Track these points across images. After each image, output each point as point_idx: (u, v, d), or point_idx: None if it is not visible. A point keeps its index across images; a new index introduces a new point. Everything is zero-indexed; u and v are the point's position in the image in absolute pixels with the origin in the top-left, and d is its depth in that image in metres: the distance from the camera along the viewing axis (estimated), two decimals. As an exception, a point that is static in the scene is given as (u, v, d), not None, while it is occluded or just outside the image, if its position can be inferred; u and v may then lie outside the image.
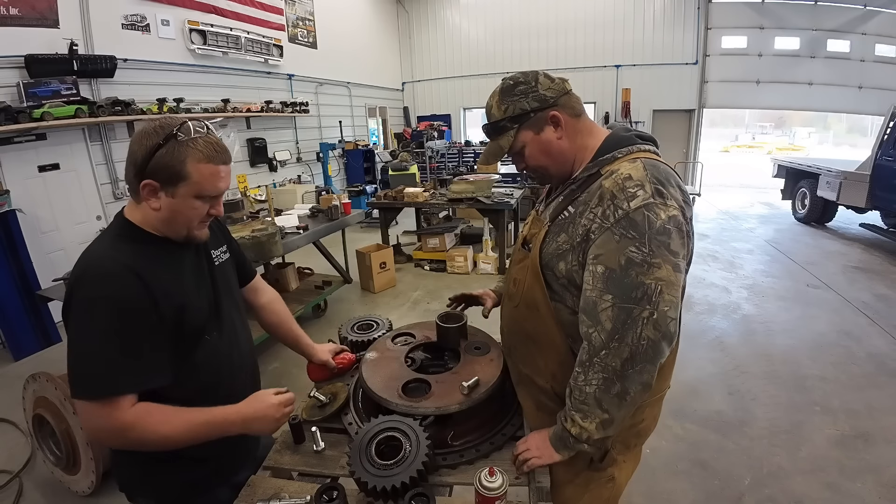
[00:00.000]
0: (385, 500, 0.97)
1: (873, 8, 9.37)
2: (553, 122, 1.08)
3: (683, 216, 0.96)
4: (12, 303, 3.92)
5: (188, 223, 1.08)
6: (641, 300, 0.92)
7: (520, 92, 1.07)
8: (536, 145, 1.10)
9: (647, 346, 0.93)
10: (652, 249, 0.92)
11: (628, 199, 0.95)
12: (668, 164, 1.07)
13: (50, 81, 4.39)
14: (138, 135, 1.02)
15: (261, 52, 7.33)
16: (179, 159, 0.99)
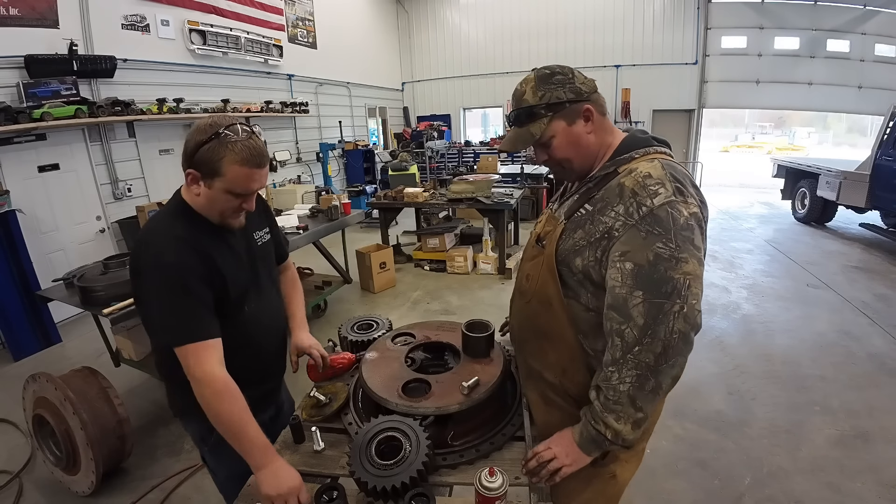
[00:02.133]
0: (385, 500, 0.97)
1: (873, 8, 9.37)
2: (586, 115, 1.09)
3: (701, 213, 1.00)
4: (12, 303, 3.91)
5: (221, 212, 1.23)
6: (672, 294, 0.93)
7: (557, 81, 1.07)
8: (566, 136, 1.10)
9: (679, 339, 0.94)
10: (678, 244, 0.94)
11: (651, 196, 0.97)
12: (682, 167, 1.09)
13: (50, 82, 4.40)
14: (194, 128, 1.16)
15: (261, 52, 7.33)
16: (218, 157, 1.13)
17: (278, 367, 1.52)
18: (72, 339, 4.33)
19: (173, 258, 1.14)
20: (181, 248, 1.16)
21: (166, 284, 1.13)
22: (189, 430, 1.45)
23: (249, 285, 1.35)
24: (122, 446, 2.44)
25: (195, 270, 1.17)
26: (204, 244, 1.21)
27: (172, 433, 2.88)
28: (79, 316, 4.55)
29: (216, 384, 1.12)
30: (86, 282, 2.65)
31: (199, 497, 2.39)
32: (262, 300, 1.40)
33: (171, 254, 1.15)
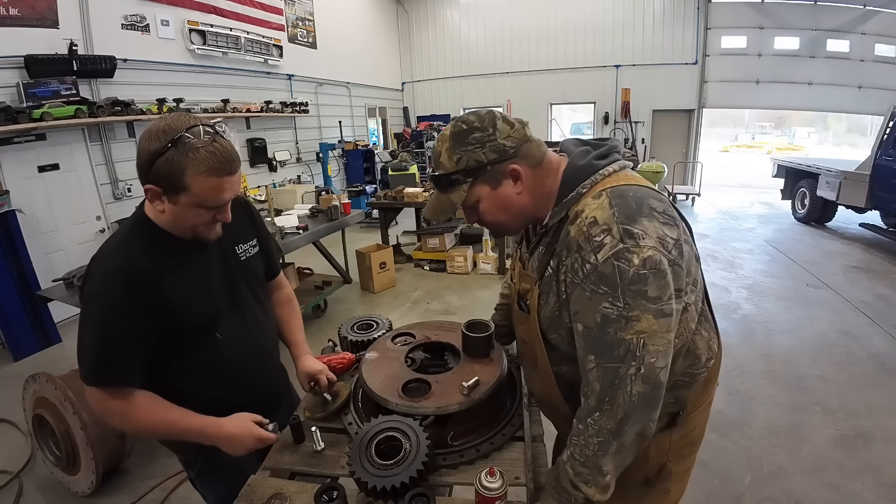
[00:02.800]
0: (385, 500, 0.97)
1: (873, 8, 9.37)
2: (513, 176, 0.97)
3: (664, 248, 0.86)
4: (12, 303, 3.92)
5: (193, 227, 1.09)
6: (626, 357, 0.85)
7: (475, 140, 0.95)
8: (493, 201, 1.00)
9: (639, 401, 0.87)
10: (627, 302, 0.84)
11: (595, 250, 0.86)
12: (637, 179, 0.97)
13: (49, 82, 4.40)
14: (144, 135, 1.00)
15: (260, 52, 7.33)
16: (179, 170, 0.97)
17: (269, 395, 1.39)
18: (72, 339, 4.30)
19: (108, 292, 1.02)
20: (120, 282, 1.02)
21: (95, 319, 1.03)
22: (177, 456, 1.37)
23: (222, 308, 1.21)
24: (121, 446, 2.44)
25: (132, 308, 1.03)
26: (155, 274, 1.07)
27: (172, 433, 2.88)
28: (78, 316, 4.54)
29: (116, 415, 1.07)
30: (86, 282, 2.64)
31: (198, 497, 2.37)
32: (245, 322, 1.26)
33: (107, 286, 1.02)
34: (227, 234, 1.20)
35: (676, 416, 1.05)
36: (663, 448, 1.08)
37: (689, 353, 1.00)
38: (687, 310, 0.95)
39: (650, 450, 1.06)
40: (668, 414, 1.05)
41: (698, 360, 1.02)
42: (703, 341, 1.02)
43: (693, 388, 1.03)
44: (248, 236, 1.32)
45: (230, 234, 1.23)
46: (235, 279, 1.25)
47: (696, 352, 1.01)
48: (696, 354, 1.01)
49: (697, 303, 0.99)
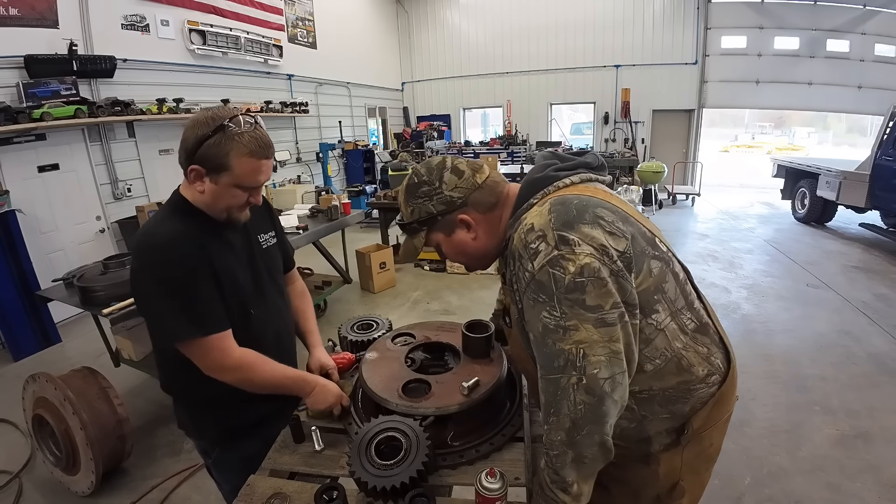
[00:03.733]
0: (385, 500, 0.97)
1: (873, 8, 9.37)
2: (464, 224, 1.01)
3: (604, 256, 0.84)
4: (12, 303, 3.91)
5: (228, 207, 1.19)
6: (566, 368, 0.85)
7: (423, 194, 1.00)
8: (450, 246, 1.06)
9: (586, 410, 0.85)
10: (564, 311, 0.83)
11: (531, 257, 0.86)
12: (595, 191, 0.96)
13: (49, 82, 4.40)
14: (191, 122, 1.10)
15: (260, 52, 7.33)
16: (224, 152, 1.08)
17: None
18: (71, 339, 4.33)
19: (176, 255, 1.11)
20: (184, 245, 1.13)
21: (172, 282, 1.10)
22: (195, 443, 1.45)
23: (252, 289, 1.30)
24: (121, 446, 2.44)
25: (199, 267, 1.14)
26: (204, 242, 1.17)
27: (172, 433, 2.88)
28: (79, 316, 4.55)
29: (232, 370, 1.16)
30: (85, 282, 2.65)
31: (198, 497, 2.39)
32: (268, 307, 1.35)
33: (173, 251, 1.11)
34: (250, 222, 1.32)
35: (682, 435, 1.01)
36: (675, 466, 1.05)
37: (680, 369, 0.97)
38: (661, 329, 0.93)
39: (660, 468, 1.04)
40: (670, 430, 1.02)
41: (692, 376, 0.98)
42: (697, 357, 0.98)
43: (690, 403, 0.99)
44: (268, 228, 1.43)
45: (253, 223, 1.34)
46: (259, 264, 1.34)
47: (689, 367, 0.97)
48: (689, 370, 0.97)
49: (682, 319, 0.97)
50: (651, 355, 0.94)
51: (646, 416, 1.00)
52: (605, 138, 11.60)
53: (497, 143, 11.94)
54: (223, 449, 1.37)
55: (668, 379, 0.96)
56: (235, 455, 1.32)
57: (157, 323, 1.15)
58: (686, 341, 0.97)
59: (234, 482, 1.19)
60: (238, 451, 1.30)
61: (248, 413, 1.34)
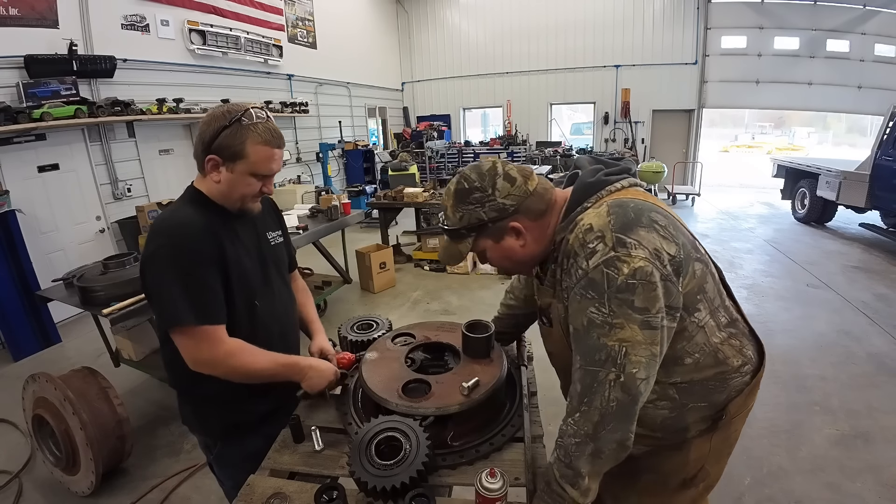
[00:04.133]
0: (385, 500, 0.97)
1: (873, 8, 9.37)
2: (514, 232, 1.02)
3: (657, 261, 0.87)
4: (12, 303, 3.91)
5: (243, 197, 1.23)
6: (606, 363, 0.88)
7: (475, 200, 0.99)
8: (497, 252, 1.06)
9: (616, 408, 0.88)
10: (613, 309, 0.86)
11: (587, 256, 0.89)
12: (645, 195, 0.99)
13: (49, 82, 4.40)
14: (208, 116, 1.17)
15: (260, 52, 7.33)
16: (240, 140, 1.15)
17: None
18: (71, 339, 4.33)
19: (187, 241, 1.15)
20: (196, 231, 1.16)
21: (180, 266, 1.13)
22: (198, 439, 1.46)
23: (259, 281, 1.33)
24: (121, 446, 2.44)
25: (209, 256, 1.17)
26: (218, 228, 1.22)
27: (172, 433, 2.88)
28: (78, 316, 4.55)
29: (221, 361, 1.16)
30: (85, 282, 2.65)
31: (198, 497, 2.39)
32: (274, 300, 1.38)
33: (185, 236, 1.15)
34: (259, 220, 1.38)
35: (718, 421, 1.06)
36: (703, 451, 1.10)
37: (717, 361, 1.02)
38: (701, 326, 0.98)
39: (690, 453, 1.09)
40: (706, 418, 1.07)
41: (728, 367, 1.04)
42: (731, 349, 1.04)
43: (726, 391, 1.05)
44: (275, 227, 1.48)
45: (262, 221, 1.40)
46: (267, 259, 1.38)
47: (725, 360, 1.03)
48: (725, 362, 1.03)
49: (718, 316, 1.02)
50: (691, 350, 0.99)
51: (685, 405, 1.04)
52: (605, 138, 11.60)
53: (497, 143, 11.94)
54: (226, 444, 1.38)
55: (706, 371, 1.01)
56: (238, 451, 1.33)
57: (159, 306, 1.15)
58: (722, 336, 1.02)
59: (237, 478, 1.19)
60: (241, 446, 1.31)
61: (253, 408, 1.36)
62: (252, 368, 1.20)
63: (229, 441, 1.36)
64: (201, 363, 1.17)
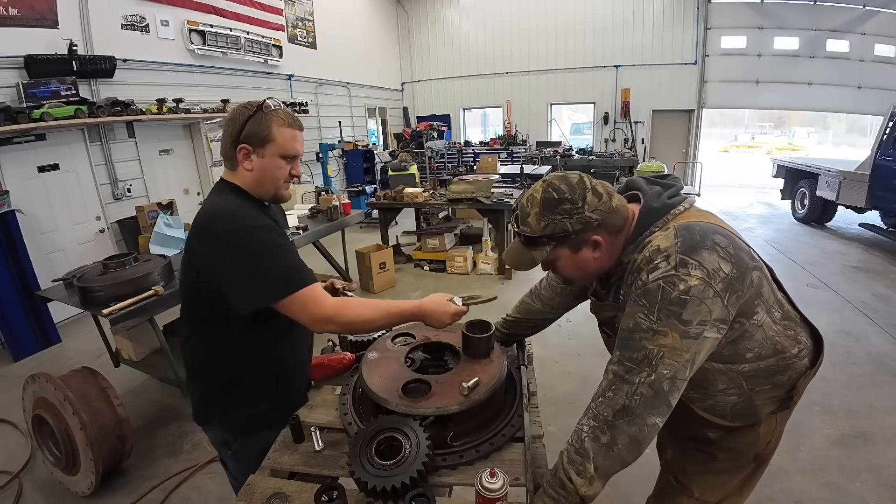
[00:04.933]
0: (385, 500, 0.97)
1: (872, 8, 9.37)
2: (593, 245, 1.06)
3: (712, 280, 0.92)
4: (12, 303, 3.91)
5: (275, 181, 1.29)
6: (641, 362, 0.94)
7: (564, 211, 1.02)
8: (571, 262, 1.09)
9: (640, 402, 0.93)
10: (660, 318, 0.93)
11: (650, 271, 0.96)
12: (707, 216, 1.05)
13: (49, 82, 4.40)
14: (231, 114, 1.26)
15: (260, 52, 7.33)
16: (266, 125, 1.22)
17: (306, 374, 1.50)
18: (71, 339, 4.33)
19: (258, 221, 1.21)
20: (255, 213, 1.24)
21: (265, 242, 1.17)
22: (214, 436, 1.44)
23: None
24: (121, 446, 2.44)
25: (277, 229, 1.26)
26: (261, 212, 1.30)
27: (172, 433, 2.88)
28: (78, 316, 4.55)
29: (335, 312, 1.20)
30: (85, 282, 2.65)
31: (198, 497, 2.39)
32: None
33: (254, 218, 1.21)
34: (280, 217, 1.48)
35: (789, 401, 1.16)
36: (771, 428, 1.19)
37: (776, 351, 1.09)
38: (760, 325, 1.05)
39: (760, 429, 1.18)
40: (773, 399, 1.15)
41: (787, 352, 1.11)
42: (787, 339, 1.11)
43: (788, 373, 1.12)
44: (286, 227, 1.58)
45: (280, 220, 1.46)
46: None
47: (783, 350, 1.10)
48: (783, 351, 1.10)
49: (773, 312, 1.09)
50: (752, 346, 1.06)
51: (752, 389, 1.11)
52: (605, 138, 11.60)
53: (497, 143, 11.94)
54: (247, 437, 1.37)
55: (767, 360, 1.09)
56: (258, 444, 1.30)
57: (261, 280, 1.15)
58: (777, 329, 1.09)
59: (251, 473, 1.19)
60: (262, 440, 1.29)
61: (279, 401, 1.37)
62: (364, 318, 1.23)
63: (249, 433, 1.36)
64: (324, 319, 1.19)
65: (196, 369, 1.36)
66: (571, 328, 3.91)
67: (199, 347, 1.32)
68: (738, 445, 1.21)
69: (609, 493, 2.34)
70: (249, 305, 1.16)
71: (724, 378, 1.09)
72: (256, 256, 1.15)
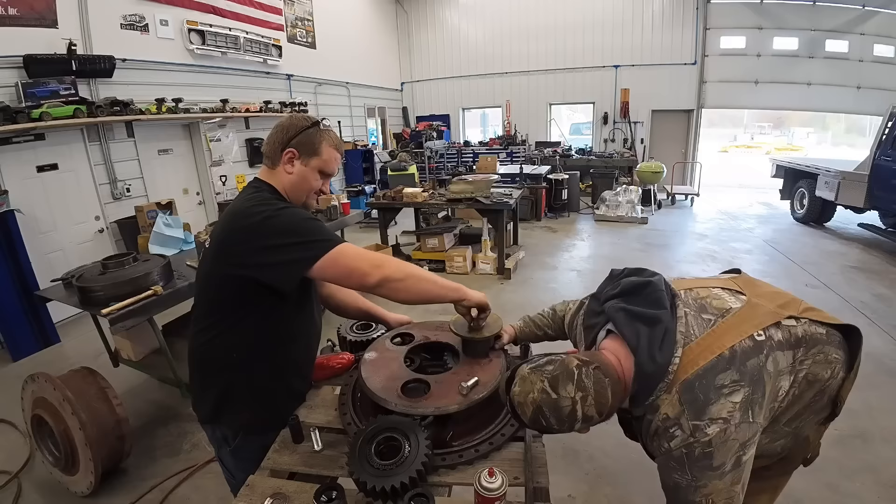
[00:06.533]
0: (384, 500, 0.97)
1: (872, 8, 9.38)
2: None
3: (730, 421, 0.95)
4: (11, 303, 3.91)
5: (309, 190, 1.38)
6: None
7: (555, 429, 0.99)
8: None
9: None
10: (695, 475, 0.97)
11: (668, 439, 1.00)
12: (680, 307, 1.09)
13: (48, 81, 4.39)
14: (288, 120, 1.36)
15: (259, 52, 7.32)
16: (318, 140, 1.35)
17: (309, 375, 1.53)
18: (70, 339, 4.32)
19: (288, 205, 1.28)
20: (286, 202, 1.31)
21: (299, 217, 1.24)
22: (214, 433, 1.42)
23: None
24: (120, 446, 2.44)
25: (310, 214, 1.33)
26: None
27: (171, 433, 2.88)
28: (77, 316, 4.54)
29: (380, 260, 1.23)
30: (84, 282, 2.64)
31: (198, 497, 2.39)
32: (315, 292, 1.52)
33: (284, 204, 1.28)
34: None
35: (834, 412, 1.19)
36: (821, 433, 1.26)
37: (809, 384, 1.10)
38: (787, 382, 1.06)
39: (812, 435, 1.23)
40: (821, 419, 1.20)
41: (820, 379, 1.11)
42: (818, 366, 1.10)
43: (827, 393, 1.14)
44: None
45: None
46: None
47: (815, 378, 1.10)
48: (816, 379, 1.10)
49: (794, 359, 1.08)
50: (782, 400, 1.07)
51: (797, 427, 1.16)
52: (605, 138, 11.60)
53: (496, 143, 11.95)
54: (247, 435, 1.36)
55: (804, 395, 1.10)
56: (259, 443, 1.30)
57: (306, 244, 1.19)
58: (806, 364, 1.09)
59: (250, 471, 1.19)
60: (262, 439, 1.29)
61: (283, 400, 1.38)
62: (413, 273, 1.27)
63: (250, 432, 1.36)
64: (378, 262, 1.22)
65: (210, 365, 1.35)
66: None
67: (217, 343, 1.31)
68: (790, 455, 1.29)
69: (609, 493, 2.35)
70: (295, 274, 1.20)
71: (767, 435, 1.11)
72: (295, 227, 1.21)
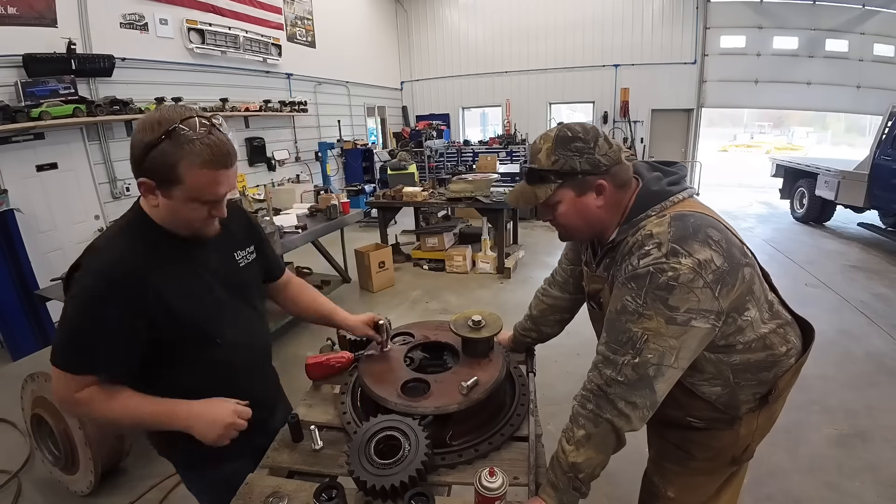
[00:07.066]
0: (384, 499, 0.97)
1: (872, 7, 9.37)
2: (598, 189, 1.07)
3: (702, 270, 0.93)
4: (10, 303, 3.91)
5: (189, 223, 1.05)
6: (625, 345, 0.98)
7: (576, 149, 1.03)
8: (573, 206, 1.09)
9: (625, 382, 0.98)
10: (646, 301, 0.95)
11: (640, 256, 0.97)
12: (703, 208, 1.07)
13: (48, 80, 4.38)
14: (139, 126, 0.95)
15: (259, 51, 7.31)
16: (173, 162, 0.93)
17: (263, 402, 1.34)
18: (70, 338, 4.32)
19: (93, 288, 0.98)
20: (107, 281, 0.98)
21: (74, 307, 0.99)
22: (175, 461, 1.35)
23: (224, 314, 1.17)
24: (120, 445, 2.44)
25: (115, 307, 0.98)
26: (149, 274, 1.02)
27: (171, 433, 2.88)
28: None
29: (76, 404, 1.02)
30: (84, 281, 2.64)
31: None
32: (240, 331, 1.21)
33: (94, 281, 0.98)
34: (225, 240, 1.19)
35: (768, 396, 1.17)
36: (751, 429, 1.21)
37: (765, 347, 1.12)
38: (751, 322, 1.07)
39: (741, 429, 1.20)
40: (756, 395, 1.17)
41: (776, 350, 1.13)
42: (777, 337, 1.13)
43: (774, 370, 1.15)
44: (246, 243, 1.29)
45: (228, 241, 1.22)
46: (234, 285, 1.22)
47: (772, 346, 1.13)
48: (772, 348, 1.13)
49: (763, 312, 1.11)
50: (742, 340, 1.08)
51: (738, 384, 1.13)
52: (605, 138, 11.58)
53: (496, 142, 11.93)
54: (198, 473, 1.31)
55: (756, 353, 1.11)
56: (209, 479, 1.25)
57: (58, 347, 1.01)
58: (769, 327, 1.12)
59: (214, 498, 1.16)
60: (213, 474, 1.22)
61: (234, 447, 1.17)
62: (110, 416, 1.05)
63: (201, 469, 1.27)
64: (58, 403, 1.05)
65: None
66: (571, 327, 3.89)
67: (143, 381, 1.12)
68: (717, 444, 1.23)
69: (609, 493, 2.35)
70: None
71: (711, 367, 1.11)
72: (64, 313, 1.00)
